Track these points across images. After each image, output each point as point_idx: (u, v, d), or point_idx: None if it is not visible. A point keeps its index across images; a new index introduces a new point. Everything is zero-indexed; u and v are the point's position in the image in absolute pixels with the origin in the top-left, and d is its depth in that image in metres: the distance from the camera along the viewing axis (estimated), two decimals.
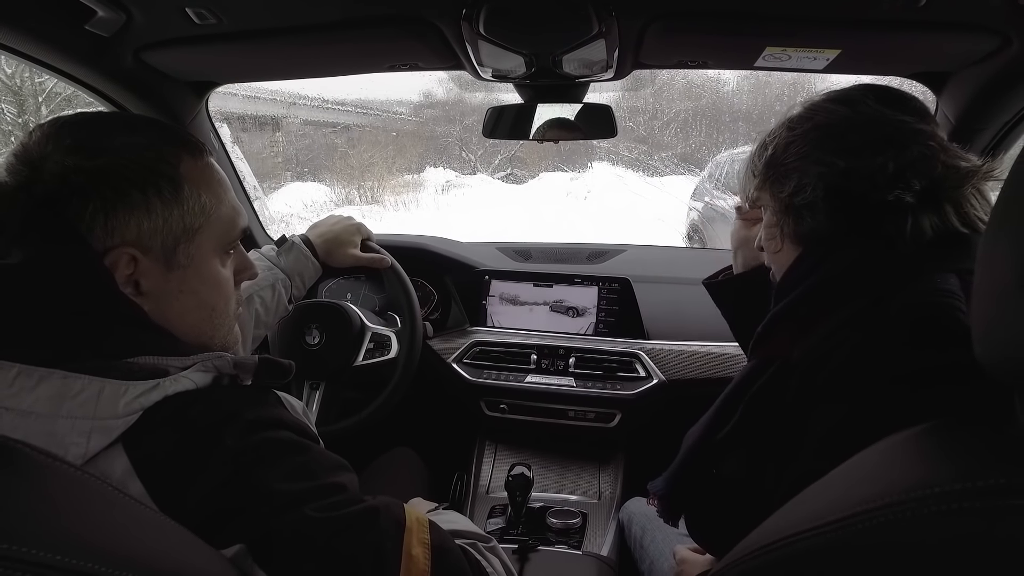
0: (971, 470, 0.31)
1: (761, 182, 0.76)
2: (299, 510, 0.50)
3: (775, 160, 0.74)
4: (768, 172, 0.75)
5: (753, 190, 0.79)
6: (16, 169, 0.55)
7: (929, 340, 0.58)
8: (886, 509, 0.32)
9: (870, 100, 0.70)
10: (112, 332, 0.53)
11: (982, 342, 0.38)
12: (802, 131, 0.72)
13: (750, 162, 0.80)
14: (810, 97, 0.77)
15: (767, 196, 0.77)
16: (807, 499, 0.41)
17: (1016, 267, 0.35)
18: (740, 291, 1.10)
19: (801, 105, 0.76)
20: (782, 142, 0.74)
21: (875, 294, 0.65)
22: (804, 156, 0.71)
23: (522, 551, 1.12)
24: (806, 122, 0.72)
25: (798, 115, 0.74)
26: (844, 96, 0.72)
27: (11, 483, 0.36)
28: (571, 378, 1.41)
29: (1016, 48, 0.86)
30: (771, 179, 0.74)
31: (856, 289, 0.67)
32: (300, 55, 1.05)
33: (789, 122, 0.74)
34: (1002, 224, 0.38)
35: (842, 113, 0.70)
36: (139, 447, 0.49)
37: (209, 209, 0.60)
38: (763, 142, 0.77)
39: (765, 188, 0.76)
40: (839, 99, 0.72)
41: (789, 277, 0.75)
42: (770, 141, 0.75)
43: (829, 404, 0.62)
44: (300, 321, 1.21)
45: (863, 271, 0.67)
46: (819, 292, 0.70)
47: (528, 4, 0.85)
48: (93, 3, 0.81)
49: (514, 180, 9.30)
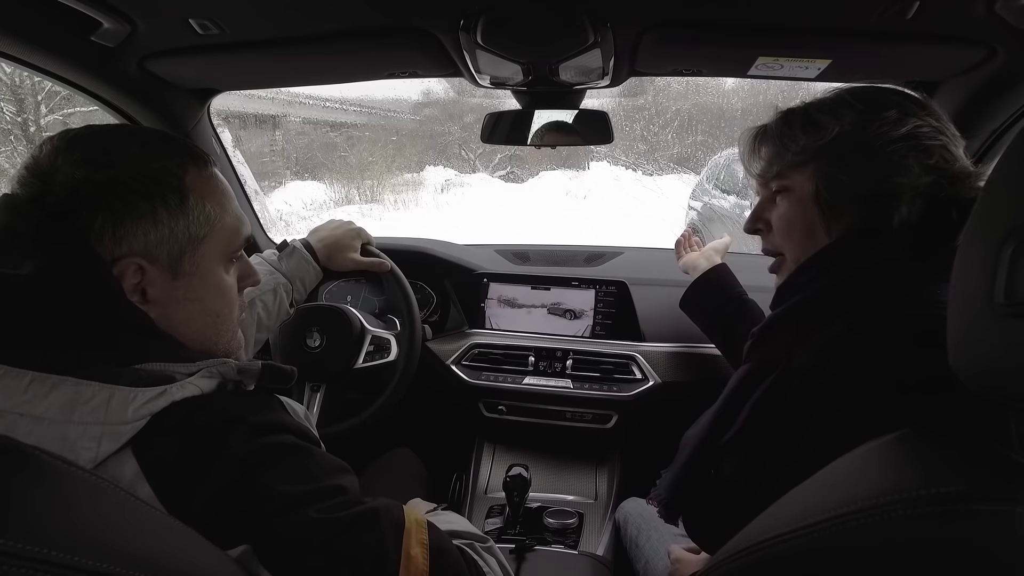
0: (936, 477, 0.33)
1: (804, 160, 0.71)
2: (302, 512, 0.52)
3: (842, 141, 0.68)
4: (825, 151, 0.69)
5: (784, 166, 0.73)
6: (28, 182, 0.56)
7: (928, 351, 0.57)
8: (859, 513, 0.34)
9: (932, 105, 0.70)
10: (120, 339, 0.55)
11: (955, 354, 0.40)
12: (875, 117, 0.68)
13: (776, 136, 0.74)
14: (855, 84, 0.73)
15: (805, 177, 0.71)
16: (789, 502, 0.43)
17: (985, 282, 0.37)
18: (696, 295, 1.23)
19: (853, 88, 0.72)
20: (851, 123, 0.68)
21: (877, 302, 0.65)
22: (882, 147, 0.67)
23: (519, 551, 1.13)
24: (879, 107, 0.68)
25: (864, 96, 0.70)
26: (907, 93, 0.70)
27: (29, 487, 0.38)
28: (568, 380, 1.43)
29: (1002, 59, 0.88)
30: (828, 160, 0.69)
31: (859, 296, 0.66)
32: (300, 64, 1.06)
33: (854, 101, 0.70)
34: (972, 241, 0.40)
35: (912, 110, 0.68)
36: (148, 451, 0.50)
37: (214, 219, 0.62)
38: (808, 118, 0.71)
39: (807, 168, 0.71)
40: (905, 94, 0.70)
41: (794, 280, 0.73)
42: (826, 119, 0.69)
43: (827, 410, 0.63)
44: (301, 324, 1.23)
45: (869, 279, 0.67)
46: (824, 298, 0.69)
47: (525, 15, 0.87)
48: (99, 15, 0.82)
49: (514, 179, 9.30)
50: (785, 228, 0.75)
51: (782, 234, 0.76)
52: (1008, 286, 0.35)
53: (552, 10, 0.85)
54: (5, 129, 6.54)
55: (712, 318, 1.23)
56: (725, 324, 1.18)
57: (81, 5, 0.79)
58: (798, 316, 0.72)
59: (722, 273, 1.24)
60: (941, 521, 0.31)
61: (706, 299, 1.24)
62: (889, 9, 0.79)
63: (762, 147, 0.77)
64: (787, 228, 0.75)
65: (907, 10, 0.79)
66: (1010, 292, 0.35)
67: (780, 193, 0.75)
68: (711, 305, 1.23)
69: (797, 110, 0.74)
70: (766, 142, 0.76)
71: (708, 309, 1.23)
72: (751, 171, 0.80)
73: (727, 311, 1.18)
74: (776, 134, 0.75)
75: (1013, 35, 0.81)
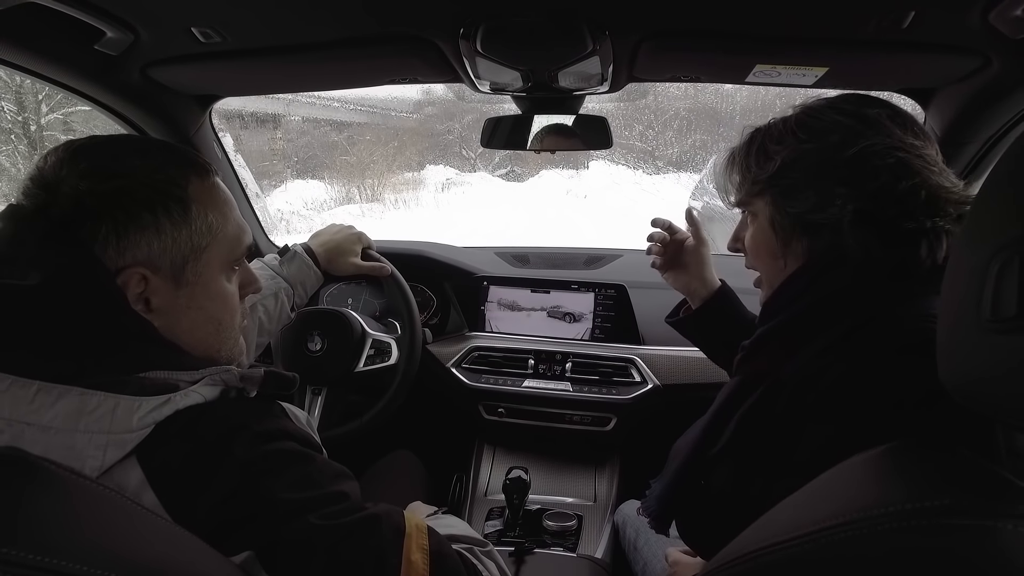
0: (921, 491, 0.34)
1: (760, 189, 0.73)
2: (304, 518, 0.53)
3: (784, 172, 0.70)
4: (773, 183, 0.71)
5: (744, 195, 0.76)
6: (33, 193, 0.57)
7: (917, 364, 0.58)
8: (846, 526, 0.35)
9: (885, 120, 0.68)
10: (124, 348, 0.55)
11: (944, 367, 0.41)
12: (817, 146, 0.68)
13: (740, 163, 0.76)
14: (812, 102, 0.73)
15: (764, 204, 0.73)
16: (779, 513, 0.44)
17: (973, 297, 0.37)
18: (700, 323, 1.08)
19: (804, 111, 0.72)
20: (792, 153, 0.69)
21: (865, 316, 0.65)
22: (822, 175, 0.67)
23: (518, 553, 1.14)
24: (819, 136, 0.68)
25: (807, 124, 0.70)
26: (858, 112, 0.68)
27: (37, 498, 0.39)
28: (568, 383, 1.44)
29: (996, 68, 0.88)
30: (777, 191, 0.71)
31: (846, 311, 0.66)
32: (301, 71, 1.07)
33: (797, 130, 0.70)
34: (961, 255, 0.41)
35: (858, 130, 0.67)
36: (152, 459, 0.51)
37: (216, 228, 0.63)
38: (762, 147, 0.73)
39: (764, 196, 0.73)
40: (854, 115, 0.68)
41: (780, 295, 0.74)
42: (775, 150, 0.71)
43: (817, 424, 0.63)
44: (302, 328, 1.24)
45: (855, 294, 0.67)
46: (811, 313, 0.69)
47: (524, 23, 0.87)
48: (102, 25, 0.83)
49: (514, 178, 9.27)
50: (754, 250, 0.78)
51: (753, 256, 0.79)
52: (995, 301, 0.36)
53: (551, 19, 0.86)
54: (6, 128, 6.53)
55: (717, 343, 1.11)
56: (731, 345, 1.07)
57: (85, 15, 0.80)
58: (787, 329, 0.72)
59: (727, 298, 1.07)
60: (925, 535, 0.32)
61: (711, 327, 1.09)
62: (885, 19, 0.80)
63: (732, 173, 0.79)
64: (755, 251, 0.77)
65: (903, 19, 0.80)
66: (996, 308, 0.35)
67: (750, 216, 0.78)
68: (718, 333, 1.08)
69: (756, 136, 0.75)
70: (734, 168, 0.78)
71: (713, 336, 1.11)
72: (726, 196, 0.81)
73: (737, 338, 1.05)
74: (739, 162, 0.77)
75: (1007, 45, 0.81)
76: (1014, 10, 0.73)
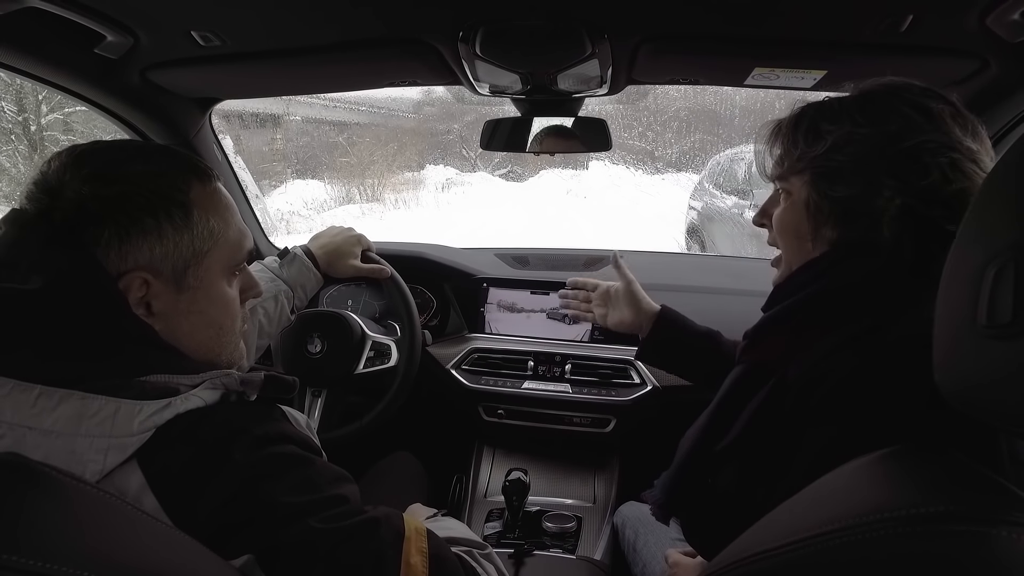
0: (918, 497, 0.34)
1: (802, 167, 0.70)
2: (304, 522, 0.53)
3: (832, 154, 0.67)
4: (818, 163, 0.68)
5: (785, 170, 0.73)
6: (36, 197, 0.57)
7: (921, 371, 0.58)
8: (842, 532, 0.35)
9: (947, 117, 0.65)
10: (125, 352, 0.56)
11: (940, 372, 0.41)
12: (873, 132, 0.65)
13: (787, 136, 0.73)
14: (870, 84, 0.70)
15: (802, 184, 0.71)
16: (779, 517, 0.44)
17: (969, 303, 0.38)
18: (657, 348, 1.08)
19: (862, 94, 0.69)
20: (845, 136, 0.66)
21: (874, 316, 0.64)
22: (872, 163, 0.65)
23: (517, 555, 1.15)
24: (877, 122, 0.65)
25: (866, 108, 0.67)
26: (920, 104, 0.65)
27: (39, 504, 0.39)
28: (567, 384, 1.44)
29: (994, 71, 0.89)
30: (819, 171, 0.68)
31: (856, 307, 0.65)
32: (301, 74, 1.08)
33: (855, 113, 0.67)
34: (958, 260, 0.41)
35: (918, 123, 0.64)
36: (153, 463, 0.51)
37: (217, 233, 0.63)
38: (813, 124, 0.70)
39: (804, 175, 0.70)
40: (916, 106, 0.65)
41: (795, 278, 0.73)
42: (828, 129, 0.68)
43: (821, 426, 0.63)
44: (302, 330, 1.24)
45: (868, 290, 0.66)
46: (821, 301, 0.68)
47: (523, 27, 0.88)
48: (103, 29, 0.84)
49: (515, 178, 9.27)
50: (781, 229, 0.76)
51: (779, 233, 0.76)
52: (991, 307, 0.36)
53: (550, 22, 0.86)
54: (6, 129, 6.53)
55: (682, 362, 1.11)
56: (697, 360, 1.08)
57: (85, 20, 0.80)
58: (794, 316, 0.71)
59: (671, 318, 1.09)
60: (920, 541, 0.32)
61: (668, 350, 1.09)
62: (883, 22, 0.81)
63: (774, 146, 0.76)
64: (782, 230, 0.75)
65: (901, 23, 0.80)
66: (992, 314, 0.36)
67: (784, 193, 0.76)
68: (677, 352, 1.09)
69: (808, 111, 0.72)
70: (778, 141, 0.75)
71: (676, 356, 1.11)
72: (764, 166, 0.78)
73: (697, 350, 1.07)
74: (785, 135, 0.74)
75: (1004, 48, 0.82)
76: (1011, 14, 0.73)
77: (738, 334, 1.03)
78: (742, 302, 1.08)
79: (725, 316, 1.12)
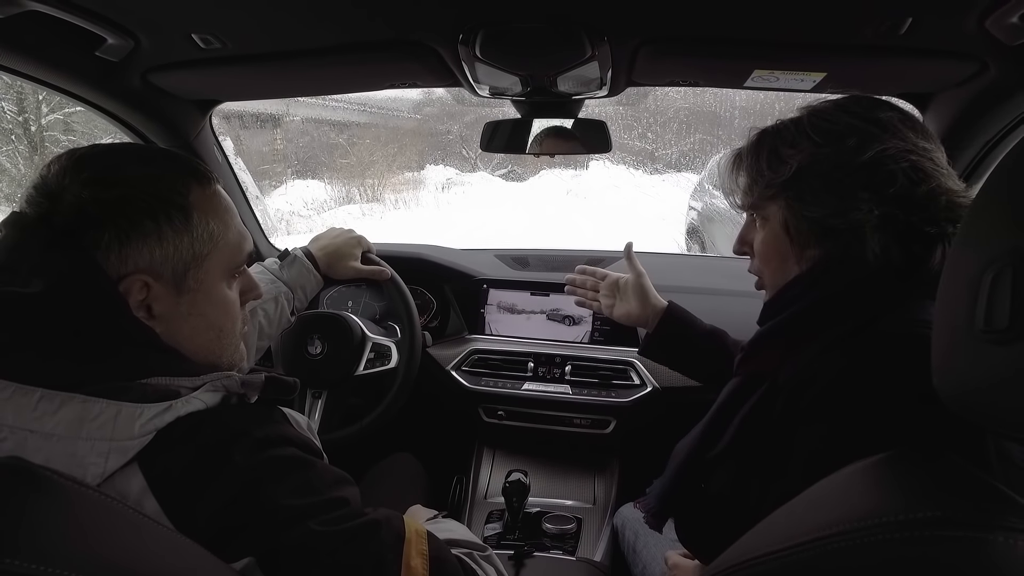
0: (913, 502, 0.34)
1: (774, 193, 0.72)
2: (304, 524, 0.53)
3: (801, 176, 0.69)
4: (789, 187, 0.70)
5: (756, 198, 0.74)
6: (36, 201, 0.57)
7: (910, 370, 0.57)
8: (840, 536, 0.35)
9: (897, 123, 0.67)
10: (126, 355, 0.56)
11: (938, 376, 0.41)
12: (834, 150, 0.67)
13: (750, 165, 0.75)
14: (820, 104, 0.72)
15: (777, 208, 0.72)
16: (775, 521, 0.44)
17: (967, 307, 0.38)
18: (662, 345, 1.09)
19: (815, 114, 0.71)
20: (808, 158, 0.68)
21: (862, 318, 0.65)
22: (842, 179, 0.66)
23: (517, 557, 1.15)
24: (836, 140, 0.67)
25: (821, 128, 0.69)
26: (871, 116, 0.68)
27: (40, 508, 0.39)
28: (567, 386, 1.44)
29: (993, 73, 0.89)
30: (793, 195, 0.70)
31: (846, 312, 0.67)
32: (301, 76, 1.08)
33: (812, 133, 0.69)
34: (956, 264, 0.41)
35: (873, 133, 0.66)
36: (154, 466, 0.52)
37: (217, 236, 0.63)
38: (773, 150, 0.72)
39: (777, 200, 0.72)
40: (868, 118, 0.68)
41: (784, 294, 0.74)
42: (789, 153, 0.70)
43: (812, 425, 0.64)
44: (302, 332, 1.24)
45: (860, 293, 0.67)
46: (813, 311, 0.70)
47: (522, 29, 0.88)
48: (103, 31, 0.84)
49: (515, 178, 9.27)
50: (765, 255, 0.77)
51: (762, 259, 0.78)
52: (988, 312, 0.36)
53: (550, 24, 0.86)
54: (6, 129, 6.54)
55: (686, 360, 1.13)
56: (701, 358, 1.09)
57: (86, 22, 0.80)
58: (785, 331, 0.73)
59: (678, 315, 1.10)
60: (917, 546, 0.32)
61: (673, 346, 1.11)
62: (883, 24, 0.81)
63: (738, 176, 0.78)
64: (766, 255, 0.76)
65: (900, 25, 0.80)
66: (989, 318, 0.36)
67: (760, 220, 0.77)
68: (682, 350, 1.11)
69: (765, 139, 0.74)
70: (741, 171, 0.77)
71: (680, 354, 1.12)
72: (732, 198, 0.80)
73: (702, 349, 1.08)
74: (748, 164, 0.75)
75: (1003, 51, 0.82)
76: (1010, 17, 0.74)
77: (738, 335, 1.04)
78: (742, 303, 1.08)
79: (725, 317, 1.13)
